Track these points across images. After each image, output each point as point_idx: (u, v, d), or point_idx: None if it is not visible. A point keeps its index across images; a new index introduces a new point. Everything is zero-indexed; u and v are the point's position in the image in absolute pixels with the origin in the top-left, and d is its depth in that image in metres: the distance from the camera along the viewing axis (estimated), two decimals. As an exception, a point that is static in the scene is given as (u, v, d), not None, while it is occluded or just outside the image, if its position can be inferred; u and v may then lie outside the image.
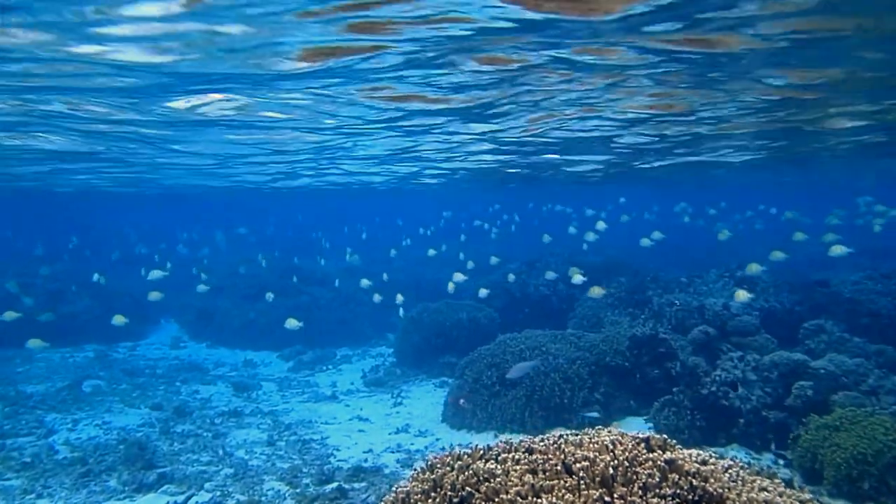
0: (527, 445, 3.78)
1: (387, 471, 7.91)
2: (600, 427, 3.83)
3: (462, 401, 8.64)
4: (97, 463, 7.76)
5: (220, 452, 8.41)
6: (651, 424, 9.31)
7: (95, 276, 14.16)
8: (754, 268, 12.24)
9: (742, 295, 10.79)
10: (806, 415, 7.99)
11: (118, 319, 11.28)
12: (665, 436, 3.51)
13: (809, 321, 11.47)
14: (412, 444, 9.03)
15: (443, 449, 8.76)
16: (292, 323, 11.74)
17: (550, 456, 3.34)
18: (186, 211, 47.33)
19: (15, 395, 11.20)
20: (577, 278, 12.40)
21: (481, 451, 3.69)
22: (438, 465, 3.57)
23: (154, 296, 12.11)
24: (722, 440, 8.69)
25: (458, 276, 13.71)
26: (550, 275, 14.23)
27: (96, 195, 27.70)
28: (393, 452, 8.69)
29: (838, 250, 12.29)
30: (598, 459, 3.20)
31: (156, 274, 12.57)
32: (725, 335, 10.88)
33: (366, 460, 8.36)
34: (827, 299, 12.82)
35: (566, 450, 3.36)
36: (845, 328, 11.51)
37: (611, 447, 3.32)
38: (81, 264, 19.54)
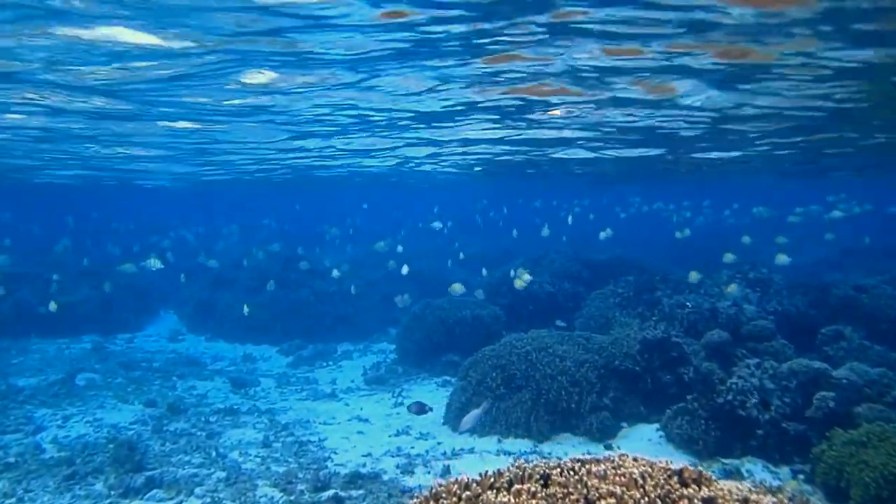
0: (542, 471, 3.40)
1: (385, 477, 7.56)
2: (624, 453, 3.43)
3: (416, 407, 8.28)
4: (84, 464, 7.42)
5: (213, 454, 8.06)
6: (663, 432, 8.96)
7: (85, 261, 13.80)
8: (693, 276, 12.30)
9: (733, 288, 10.67)
10: (827, 427, 7.62)
11: (52, 306, 10.96)
12: (701, 468, 3.11)
13: (827, 327, 11.07)
14: (413, 447, 8.68)
15: (444, 454, 8.43)
16: (246, 309, 12.02)
17: (571, 490, 2.95)
18: (191, 204, 47.02)
19: (6, 389, 10.87)
20: (526, 277, 12.41)
21: (491, 479, 3.31)
22: (444, 495, 3.19)
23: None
24: (737, 451, 8.32)
25: (405, 269, 13.95)
26: (518, 274, 13.97)
27: (101, 187, 27.38)
28: (393, 456, 8.34)
29: (782, 259, 12.85)
30: (625, 496, 2.82)
31: (129, 267, 12.28)
32: (740, 340, 10.49)
33: (364, 465, 8.01)
34: (843, 303, 12.39)
35: (589, 483, 2.96)
36: (864, 334, 11.10)
37: (640, 481, 2.93)
38: (81, 254, 19.14)
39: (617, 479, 2.98)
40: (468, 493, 3.15)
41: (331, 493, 6.94)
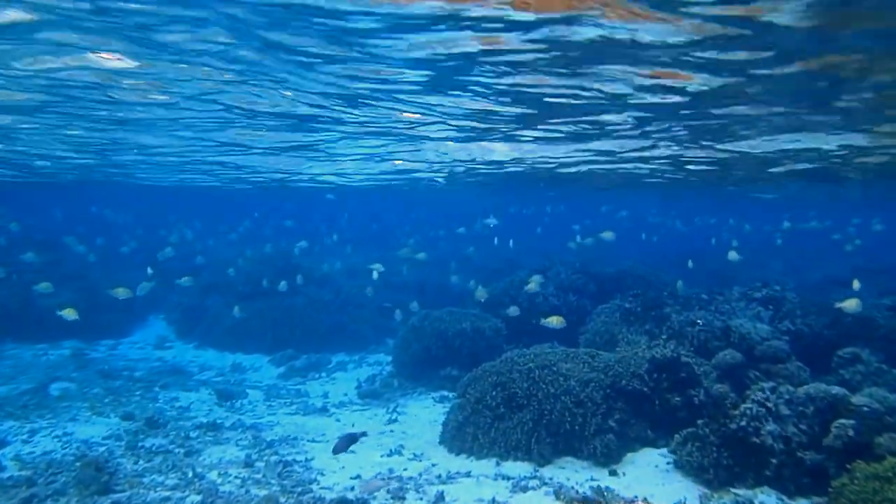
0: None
1: (374, 503, 7.02)
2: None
3: (343, 443, 7.58)
4: (46, 485, 6.86)
5: (190, 474, 7.52)
6: (671, 459, 8.42)
7: (91, 257, 13.12)
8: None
9: (852, 303, 10.30)
10: (846, 457, 7.12)
11: (70, 313, 10.20)
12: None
13: (844, 349, 10.54)
14: (405, 469, 8.16)
15: (438, 477, 7.89)
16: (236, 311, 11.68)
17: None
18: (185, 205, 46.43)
19: (-29, 399, 10.32)
20: (481, 293, 12.49)
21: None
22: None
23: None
24: (750, 481, 7.81)
25: (376, 274, 13.90)
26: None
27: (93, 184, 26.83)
28: (383, 479, 7.80)
29: (733, 255, 14.79)
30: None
31: (187, 280, 11.79)
32: (753, 361, 9.98)
33: (352, 488, 7.49)
34: (859, 324, 11.87)
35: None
36: (882, 357, 10.58)
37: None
38: (66, 254, 18.48)
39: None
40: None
41: (314, 521, 6.41)
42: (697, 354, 10.05)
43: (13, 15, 6.09)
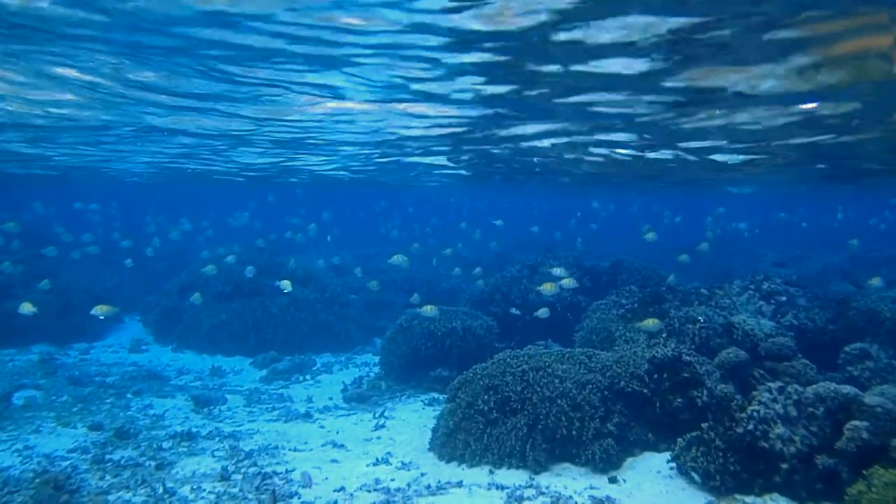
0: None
1: (361, 518, 6.50)
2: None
3: None
4: (-1, 506, 6.31)
5: (160, 490, 6.94)
6: (675, 464, 7.95)
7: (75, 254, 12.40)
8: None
9: None
10: (860, 461, 6.71)
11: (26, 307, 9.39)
12: None
13: (851, 344, 10.13)
14: (393, 479, 7.64)
15: (428, 487, 7.37)
16: (196, 297, 11.33)
17: None
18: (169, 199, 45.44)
19: (-74, 410, 9.62)
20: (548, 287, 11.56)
21: None
22: None
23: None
24: (758, 488, 7.38)
25: (399, 259, 13.43)
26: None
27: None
28: (369, 491, 7.28)
29: (698, 251, 16.54)
30: None
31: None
32: (758, 359, 9.53)
33: (335, 502, 6.95)
34: (865, 318, 11.48)
35: None
36: (892, 353, 10.17)
37: None
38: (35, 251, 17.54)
39: None
40: None
41: (291, 543, 5.87)
42: (699, 353, 9.59)
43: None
